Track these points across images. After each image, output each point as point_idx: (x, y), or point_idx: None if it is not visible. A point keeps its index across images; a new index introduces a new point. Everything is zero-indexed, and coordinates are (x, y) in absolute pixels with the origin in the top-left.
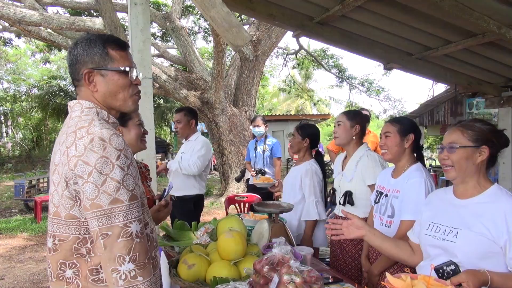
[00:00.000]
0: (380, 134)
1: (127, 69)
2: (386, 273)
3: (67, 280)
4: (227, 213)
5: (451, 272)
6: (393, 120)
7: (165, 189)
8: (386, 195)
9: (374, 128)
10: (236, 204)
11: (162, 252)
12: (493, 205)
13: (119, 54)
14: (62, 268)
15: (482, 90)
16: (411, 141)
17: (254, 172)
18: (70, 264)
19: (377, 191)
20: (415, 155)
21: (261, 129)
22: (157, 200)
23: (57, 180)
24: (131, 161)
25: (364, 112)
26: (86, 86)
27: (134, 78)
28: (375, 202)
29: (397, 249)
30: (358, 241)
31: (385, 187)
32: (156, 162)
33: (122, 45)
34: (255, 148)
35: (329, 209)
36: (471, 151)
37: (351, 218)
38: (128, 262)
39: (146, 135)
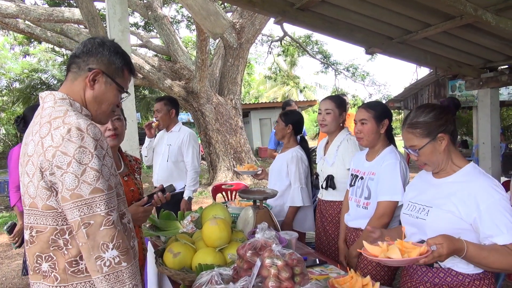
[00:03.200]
0: (355, 120)
1: (125, 92)
2: (363, 241)
3: (43, 274)
4: None
5: None
6: (368, 106)
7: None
8: (362, 178)
9: None
10: (223, 193)
11: (149, 242)
12: (465, 184)
13: (128, 77)
14: (38, 261)
15: (462, 72)
16: (386, 127)
17: None
18: (46, 257)
19: (352, 174)
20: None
21: None
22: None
23: (31, 171)
24: (107, 151)
25: (344, 97)
26: (82, 79)
27: (121, 99)
28: (351, 186)
29: None
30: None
31: (360, 170)
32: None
33: (133, 71)
34: None
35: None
36: (431, 145)
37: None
38: (112, 249)
39: (113, 129)
